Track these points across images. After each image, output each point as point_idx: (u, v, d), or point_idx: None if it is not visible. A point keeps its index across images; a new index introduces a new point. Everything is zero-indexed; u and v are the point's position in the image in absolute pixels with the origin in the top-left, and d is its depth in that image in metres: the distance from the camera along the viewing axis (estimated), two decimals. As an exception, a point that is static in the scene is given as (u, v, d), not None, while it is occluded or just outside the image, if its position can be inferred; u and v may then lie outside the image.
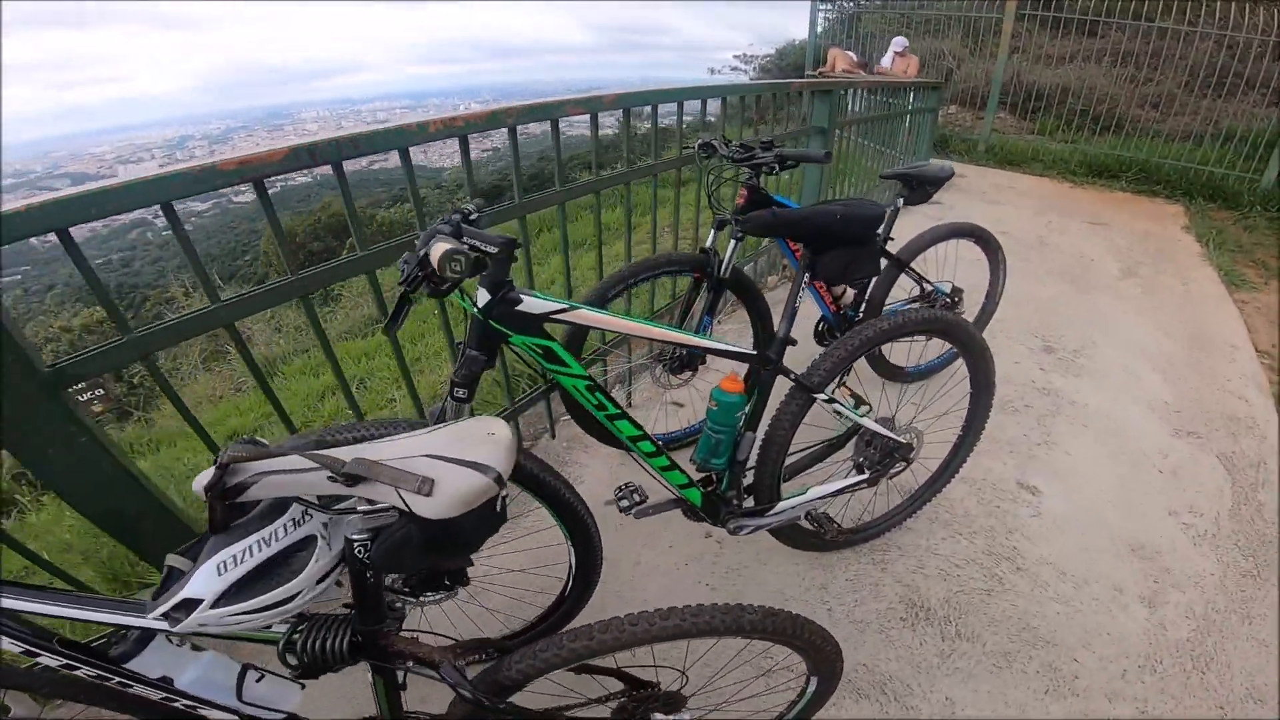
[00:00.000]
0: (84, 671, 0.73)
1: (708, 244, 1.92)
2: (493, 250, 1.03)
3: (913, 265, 2.36)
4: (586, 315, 1.19)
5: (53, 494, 1.32)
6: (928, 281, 2.44)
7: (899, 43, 7.15)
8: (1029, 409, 2.60)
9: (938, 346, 2.60)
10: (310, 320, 1.46)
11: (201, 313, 1.25)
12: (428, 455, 0.73)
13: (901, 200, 2.21)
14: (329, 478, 0.69)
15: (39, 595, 0.71)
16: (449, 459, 0.72)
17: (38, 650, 0.70)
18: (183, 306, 5.57)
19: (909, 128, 5.04)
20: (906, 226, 2.37)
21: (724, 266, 1.90)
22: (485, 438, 0.77)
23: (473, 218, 1.14)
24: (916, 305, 2.51)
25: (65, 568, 2.00)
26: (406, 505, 0.69)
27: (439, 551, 0.77)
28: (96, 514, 1.24)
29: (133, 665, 0.77)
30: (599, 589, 1.51)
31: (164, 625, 0.70)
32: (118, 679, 0.75)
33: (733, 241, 1.87)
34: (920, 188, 2.16)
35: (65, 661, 0.71)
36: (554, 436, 2.32)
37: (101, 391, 1.50)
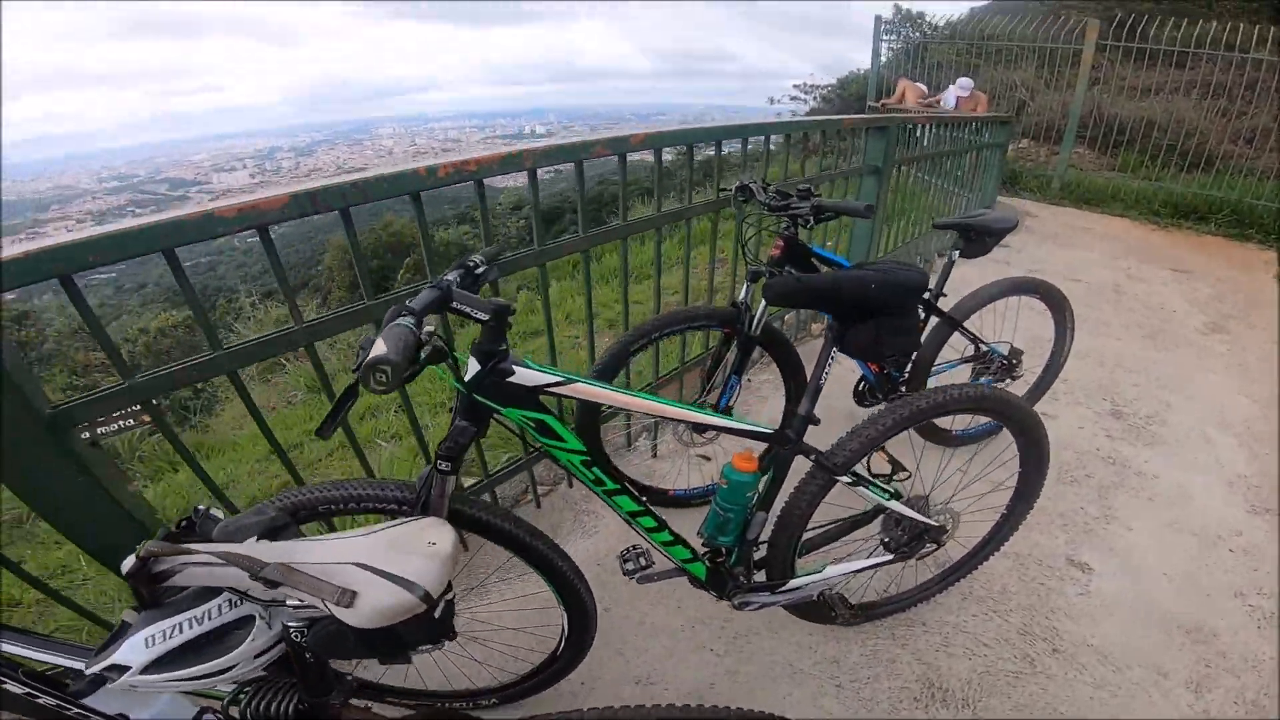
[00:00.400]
0: (45, 700, 0.79)
1: (740, 297, 1.82)
2: (483, 318, 0.98)
3: (968, 319, 2.18)
4: (585, 389, 1.12)
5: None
6: (983, 342, 2.24)
7: (964, 84, 6.81)
8: (1089, 479, 2.39)
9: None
10: (315, 369, 1.44)
11: (203, 360, 1.24)
12: (356, 563, 0.70)
13: (957, 252, 2.03)
14: (250, 576, 0.68)
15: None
16: (377, 570, 0.69)
17: (3, 679, 0.77)
18: (250, 319, 5.80)
19: (975, 164, 4.79)
20: (968, 274, 2.20)
21: (755, 323, 1.80)
22: (424, 549, 0.73)
23: (478, 271, 1.10)
24: (967, 377, 2.34)
25: (93, 574, 2.09)
26: (329, 610, 0.68)
27: (374, 651, 0.77)
28: (91, 548, 1.25)
29: (90, 701, 0.82)
30: (599, 644, 1.46)
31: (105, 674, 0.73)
32: (76, 710, 0.81)
33: (764, 297, 1.77)
34: (979, 239, 1.98)
35: (28, 691, 0.77)
36: (571, 485, 2.25)
37: (156, 402, 1.53)
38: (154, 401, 1.25)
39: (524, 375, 1.06)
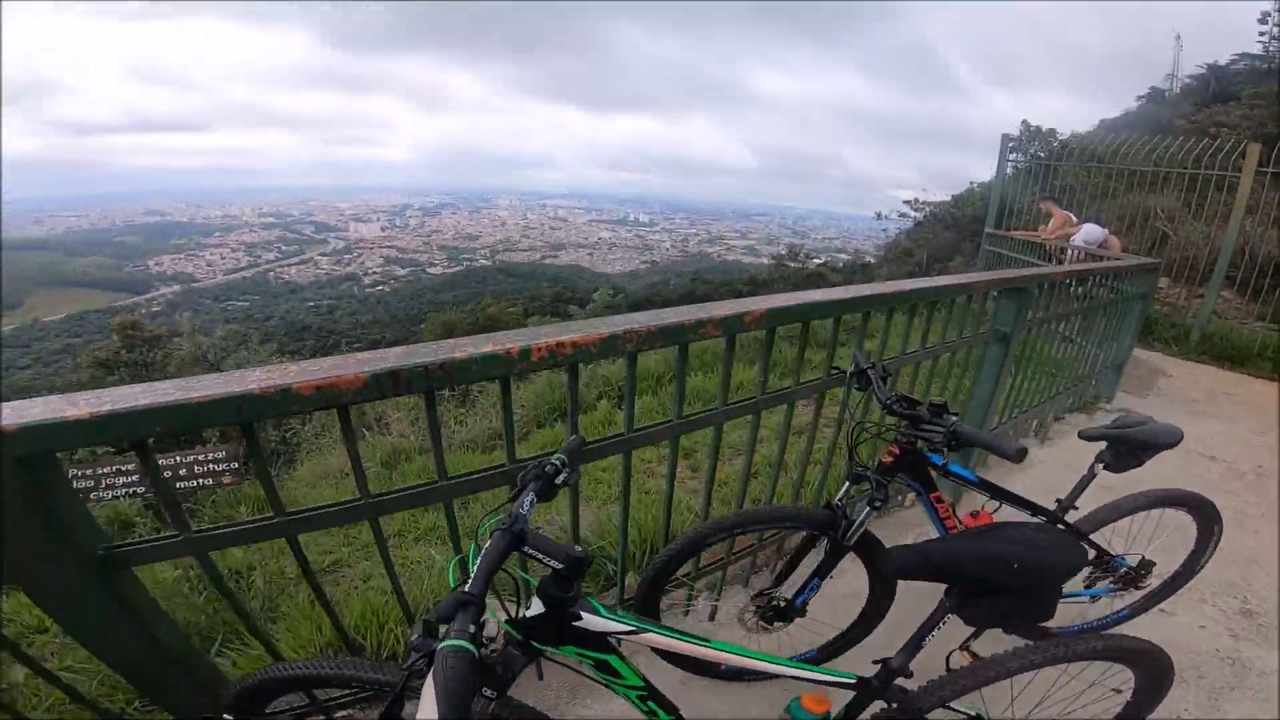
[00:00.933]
0: None
1: (837, 499, 1.62)
2: (557, 566, 0.91)
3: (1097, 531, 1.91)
4: (658, 640, 1.03)
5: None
6: (1109, 553, 1.96)
7: (1092, 234, 6.07)
8: (1201, 680, 2.09)
9: (1104, 607, 2.17)
10: (377, 542, 1.36)
11: (264, 524, 1.21)
12: None
13: (1101, 465, 1.77)
14: None
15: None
16: None
17: None
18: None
19: (1111, 314, 4.23)
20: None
21: (853, 531, 1.59)
22: None
23: (558, 479, 1.01)
24: (1081, 583, 2.05)
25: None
26: None
27: None
28: (128, 674, 1.24)
29: None
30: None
31: None
32: None
33: (868, 507, 1.56)
34: (1131, 454, 1.70)
35: None
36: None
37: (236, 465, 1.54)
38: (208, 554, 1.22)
39: (592, 622, 0.98)
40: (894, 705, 1.21)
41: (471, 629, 0.72)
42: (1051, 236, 6.68)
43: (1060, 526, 1.82)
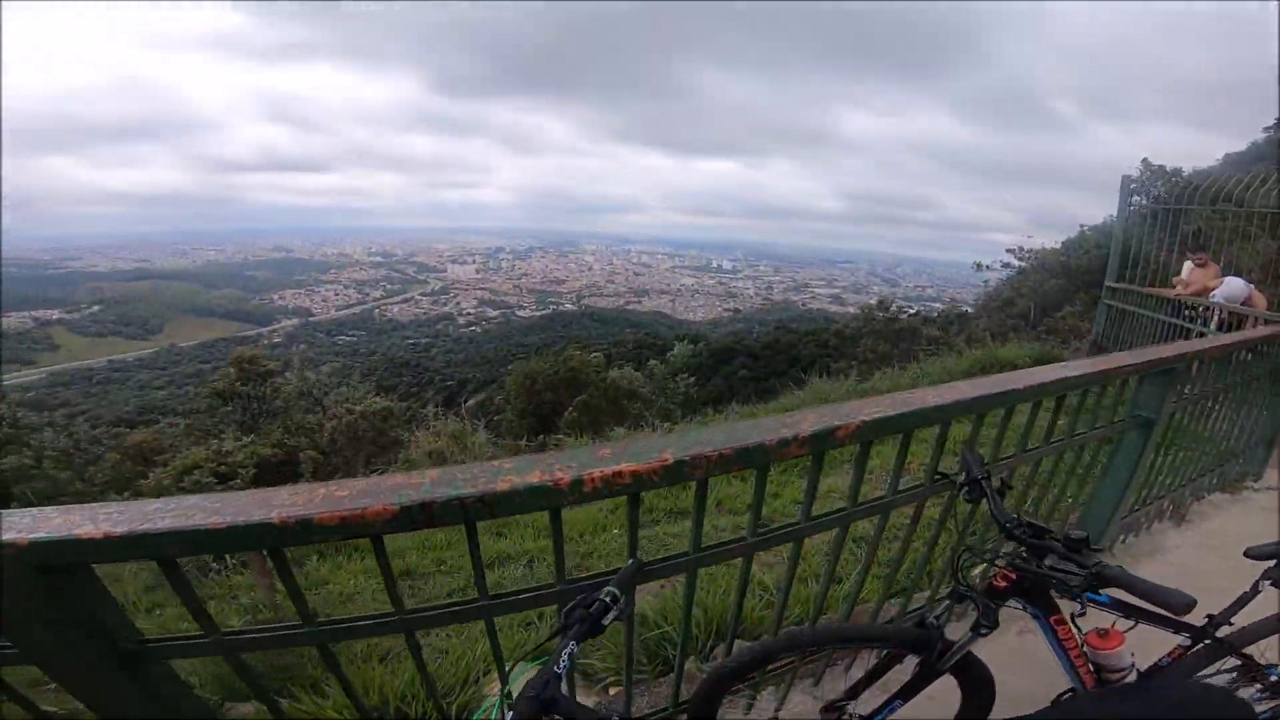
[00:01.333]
0: None
1: (932, 616, 1.40)
2: None
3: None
4: None
5: None
6: (1258, 665, 1.66)
7: (1234, 290, 5.37)
8: None
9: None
10: (415, 657, 1.25)
11: (296, 631, 1.16)
12: None
13: (1269, 583, 1.54)
14: None
15: None
16: None
17: None
18: (430, 427, 6.11)
19: (1263, 385, 3.64)
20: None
21: (950, 655, 1.38)
22: None
23: (607, 620, 0.93)
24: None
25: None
26: None
27: None
28: None
29: None
30: None
31: None
32: None
33: (972, 633, 1.35)
34: None
35: None
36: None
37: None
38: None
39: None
40: None
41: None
42: (1188, 293, 5.97)
43: (1208, 643, 1.57)
